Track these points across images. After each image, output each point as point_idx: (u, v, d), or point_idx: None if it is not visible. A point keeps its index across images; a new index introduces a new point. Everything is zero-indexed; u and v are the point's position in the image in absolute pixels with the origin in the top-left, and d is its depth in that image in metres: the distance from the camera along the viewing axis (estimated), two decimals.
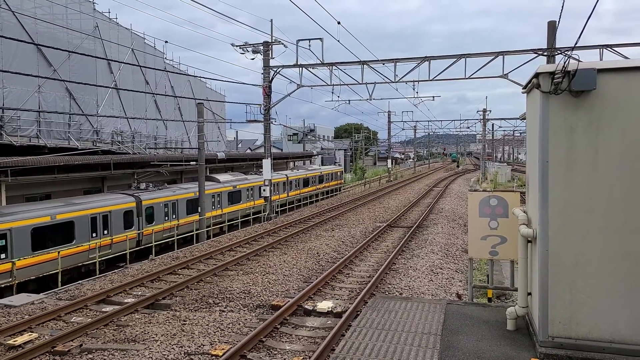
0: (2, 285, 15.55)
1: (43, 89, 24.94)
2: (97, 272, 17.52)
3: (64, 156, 21.13)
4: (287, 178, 37.66)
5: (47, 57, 24.93)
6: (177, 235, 22.66)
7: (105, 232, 19.77)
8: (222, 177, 30.22)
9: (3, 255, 15.75)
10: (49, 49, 22.65)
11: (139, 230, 21.60)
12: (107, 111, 29.33)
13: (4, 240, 15.80)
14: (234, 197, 29.42)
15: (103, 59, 27.11)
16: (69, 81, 23.78)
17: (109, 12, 30.89)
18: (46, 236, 17.21)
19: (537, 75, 6.10)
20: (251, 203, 29.75)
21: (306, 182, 41.46)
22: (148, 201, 22.23)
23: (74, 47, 25.50)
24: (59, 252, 16.87)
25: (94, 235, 19.12)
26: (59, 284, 15.79)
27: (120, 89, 29.36)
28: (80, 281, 15.31)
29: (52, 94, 25.69)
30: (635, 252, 5.78)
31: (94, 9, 29.26)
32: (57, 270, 16.31)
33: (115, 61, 27.73)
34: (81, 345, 9.81)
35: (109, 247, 19.80)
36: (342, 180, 53.47)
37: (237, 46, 27.17)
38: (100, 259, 18.68)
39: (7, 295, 15.02)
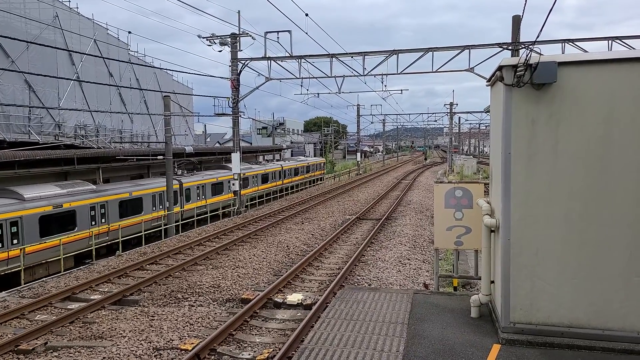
0: (104, 244, 20.34)
1: (0, 81, 24.01)
2: (163, 235, 22.12)
3: (25, 151, 20.44)
4: (282, 168, 42.53)
5: (4, 47, 24.00)
6: (209, 212, 27.83)
7: (161, 206, 24.68)
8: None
9: (104, 220, 20.67)
10: (6, 39, 21.78)
11: (181, 207, 26.45)
12: (69, 104, 28.47)
13: (104, 209, 20.68)
14: (243, 183, 33.31)
15: (64, 49, 26.23)
16: (28, 72, 22.96)
17: (69, 2, 29.94)
18: (127, 207, 22.10)
19: (500, 68, 6.23)
20: (255, 188, 35.99)
21: (297, 172, 46.73)
22: (187, 184, 27.29)
23: (33, 38, 24.62)
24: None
25: (154, 209, 24.23)
26: (143, 242, 21.08)
27: (82, 81, 28.51)
28: (44, 278, 14.93)
29: (10, 86, 24.76)
30: (592, 240, 6.01)
31: None
32: (141, 233, 21.68)
33: (76, 52, 26.88)
34: (46, 343, 9.60)
35: (163, 218, 24.60)
36: (325, 170, 58.64)
37: (204, 38, 26.78)
38: (157, 229, 23.55)
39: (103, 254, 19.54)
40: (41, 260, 17.49)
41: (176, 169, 29.61)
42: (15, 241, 16.74)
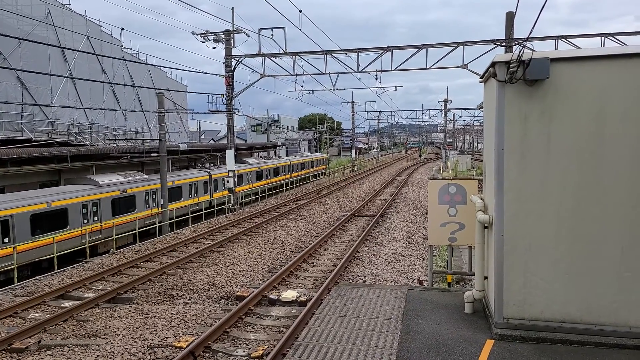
0: (158, 226, 23.55)
1: None
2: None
3: (17, 148, 20.30)
4: (291, 162, 46.74)
5: None
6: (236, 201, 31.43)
7: (195, 194, 28.46)
8: (250, 160, 39.78)
9: (154, 204, 24.71)
10: None
11: (210, 196, 30.44)
12: (62, 101, 28.28)
13: (154, 195, 24.83)
14: (258, 175, 38.36)
15: (56, 46, 26.06)
16: (21, 70, 22.79)
17: None
18: (171, 194, 25.91)
19: (493, 64, 6.25)
20: (269, 180, 39.90)
21: (303, 166, 50.89)
22: (215, 175, 31.25)
23: (25, 34, 24.41)
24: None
25: (190, 196, 28.06)
26: (190, 222, 25.48)
27: (75, 78, 28.35)
28: (37, 277, 14.86)
29: (2, 83, 24.57)
30: (584, 236, 6.04)
31: None
32: (188, 216, 26.22)
33: (69, 49, 26.70)
34: (39, 341, 9.57)
35: (197, 204, 28.40)
36: (327, 165, 62.07)
37: (198, 35, 26.64)
38: (195, 214, 27.06)
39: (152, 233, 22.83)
40: (108, 236, 20.61)
41: (204, 163, 35.41)
42: (95, 218, 20.66)
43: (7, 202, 17.07)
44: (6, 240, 16.47)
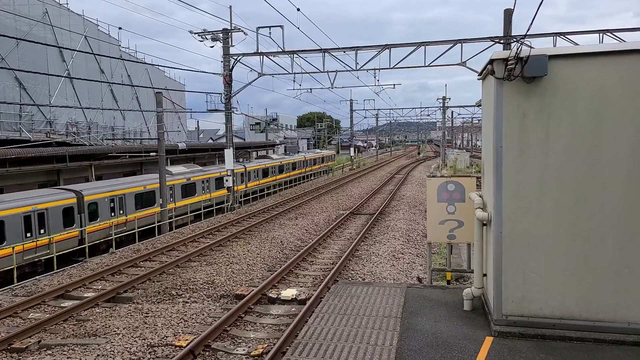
0: (205, 211, 27.36)
1: None
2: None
3: (16, 148, 20.29)
4: (305, 158, 51.44)
5: None
6: (265, 190, 37.66)
7: (235, 184, 30.44)
8: (274, 156, 45.76)
9: (208, 190, 29.02)
10: None
11: (245, 185, 34.67)
12: (60, 101, 28.27)
13: (208, 183, 29.30)
14: (280, 169, 43.36)
15: (54, 46, 26.03)
16: (19, 70, 22.77)
17: None
18: (217, 183, 30.13)
19: (491, 61, 6.24)
20: (288, 174, 45.00)
21: (315, 162, 55.65)
22: (249, 168, 36.00)
23: (23, 34, 24.38)
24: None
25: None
26: (226, 209, 28.30)
27: (73, 77, 28.31)
28: (37, 277, 14.86)
29: (0, 83, 24.55)
30: (583, 232, 6.05)
31: None
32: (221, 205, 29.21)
33: (67, 49, 26.67)
34: (40, 341, 9.57)
35: (236, 192, 30.18)
36: (334, 161, 66.22)
37: (195, 34, 26.59)
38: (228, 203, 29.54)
39: (209, 216, 26.39)
40: (178, 215, 24.87)
41: (238, 158, 40.27)
42: (171, 199, 25.42)
43: (121, 184, 22.35)
44: (121, 211, 21.74)
